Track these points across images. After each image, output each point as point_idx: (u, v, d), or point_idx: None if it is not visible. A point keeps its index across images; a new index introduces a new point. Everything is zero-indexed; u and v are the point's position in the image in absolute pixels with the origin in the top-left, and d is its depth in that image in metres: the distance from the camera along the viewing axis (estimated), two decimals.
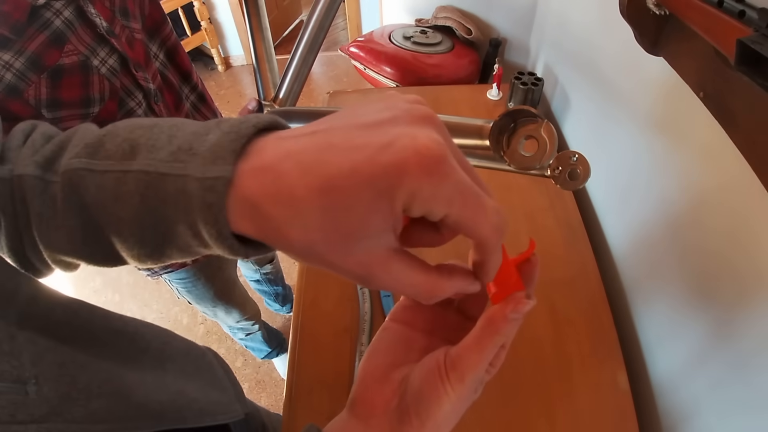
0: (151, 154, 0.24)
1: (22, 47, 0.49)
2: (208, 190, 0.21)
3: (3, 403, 0.24)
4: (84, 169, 0.25)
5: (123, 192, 0.24)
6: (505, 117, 0.35)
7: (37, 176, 0.28)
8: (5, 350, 0.26)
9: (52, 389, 0.28)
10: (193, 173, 0.22)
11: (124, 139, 0.25)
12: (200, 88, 0.80)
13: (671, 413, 0.63)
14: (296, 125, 0.47)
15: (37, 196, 0.28)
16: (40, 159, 0.29)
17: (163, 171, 0.23)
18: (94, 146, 0.26)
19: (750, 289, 0.47)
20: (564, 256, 0.82)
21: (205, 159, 0.22)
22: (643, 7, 0.54)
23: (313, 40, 0.57)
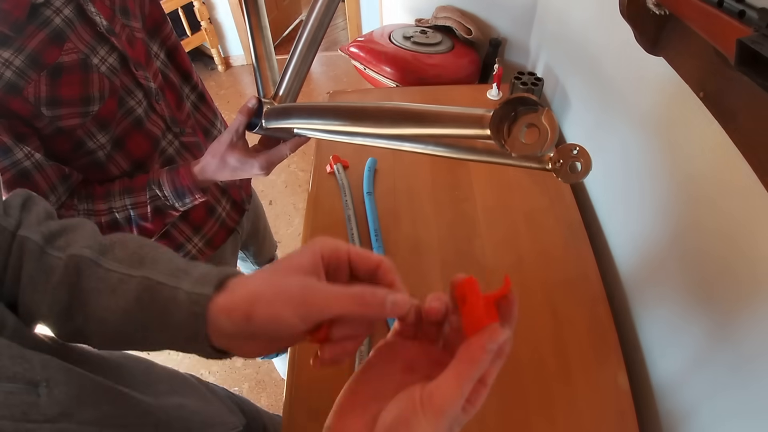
0: (154, 267, 0.33)
1: (21, 45, 0.49)
2: (194, 303, 0.30)
3: (16, 402, 0.26)
4: (93, 261, 0.33)
5: (122, 289, 0.32)
6: (506, 105, 0.35)
7: (39, 244, 0.34)
8: (15, 353, 0.28)
9: (63, 392, 0.29)
10: (184, 288, 0.31)
11: (133, 252, 0.34)
12: (200, 87, 0.79)
13: (671, 413, 0.63)
14: (296, 121, 0.48)
15: (34, 260, 0.34)
16: (45, 231, 0.35)
17: (162, 281, 0.32)
18: (104, 248, 0.34)
19: (749, 289, 0.47)
20: (564, 256, 0.82)
21: (195, 282, 0.31)
22: (643, 7, 0.54)
23: (312, 37, 0.56)
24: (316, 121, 0.54)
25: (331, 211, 0.92)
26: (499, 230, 0.87)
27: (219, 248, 0.87)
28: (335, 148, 1.04)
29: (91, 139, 0.59)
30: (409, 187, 0.96)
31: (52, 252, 0.34)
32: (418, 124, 0.43)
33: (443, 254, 0.83)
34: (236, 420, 0.54)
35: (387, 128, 0.46)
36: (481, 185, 0.96)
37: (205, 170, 0.61)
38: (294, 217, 2.05)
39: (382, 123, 0.46)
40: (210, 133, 0.82)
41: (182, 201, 0.63)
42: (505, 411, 0.64)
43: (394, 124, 0.45)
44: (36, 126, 0.53)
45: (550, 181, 0.95)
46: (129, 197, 0.62)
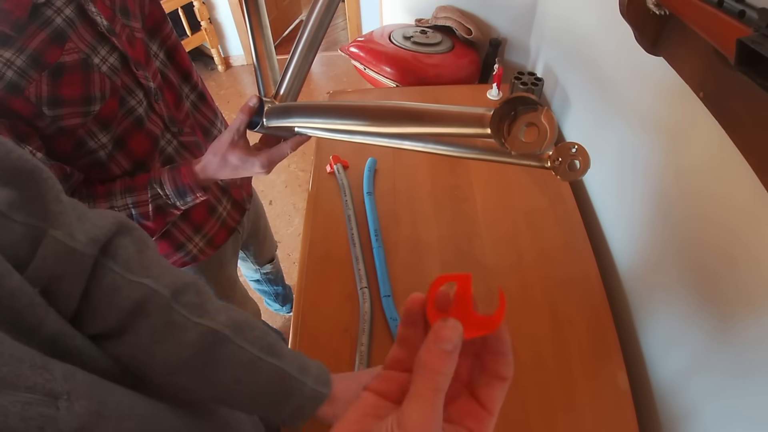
0: (284, 360, 0.44)
1: (23, 45, 0.49)
2: (316, 397, 0.45)
3: (33, 415, 0.24)
4: (228, 339, 0.41)
5: (254, 369, 0.41)
6: (506, 105, 0.36)
7: (168, 300, 0.39)
8: (38, 363, 0.27)
9: (83, 406, 0.28)
10: (309, 384, 0.45)
11: (261, 337, 0.44)
12: (200, 87, 0.79)
13: (671, 414, 0.63)
14: (297, 119, 0.48)
15: (161, 314, 0.38)
16: (173, 287, 0.40)
17: (293, 375, 0.44)
18: (237, 326, 0.42)
19: (750, 289, 0.47)
20: (564, 256, 0.82)
21: (317, 380, 0.46)
22: (643, 7, 0.54)
23: (313, 37, 0.57)
24: (316, 119, 0.54)
25: (331, 211, 0.92)
26: (499, 230, 0.87)
27: (220, 248, 0.87)
28: (335, 148, 1.04)
29: (92, 138, 0.59)
30: (409, 188, 0.96)
31: (182, 311, 0.39)
32: (418, 123, 0.43)
33: (443, 254, 0.83)
34: None
35: (387, 127, 0.46)
36: (481, 185, 0.96)
37: (207, 169, 0.61)
38: (294, 217, 2.05)
39: (383, 122, 0.46)
40: (210, 133, 0.82)
41: (183, 200, 0.63)
42: (505, 411, 0.64)
43: (395, 123, 0.45)
44: (37, 126, 0.53)
45: (550, 181, 0.95)
46: (130, 196, 0.62)
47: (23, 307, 0.29)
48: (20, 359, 0.26)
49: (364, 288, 0.77)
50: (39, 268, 0.31)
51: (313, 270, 0.83)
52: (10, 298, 0.28)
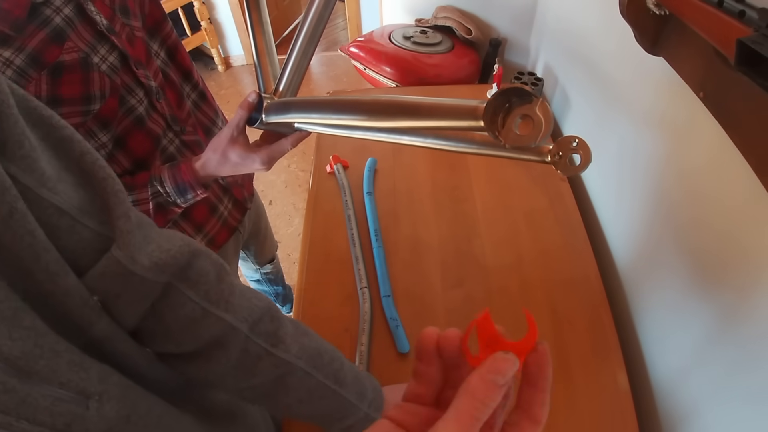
0: (346, 388, 0.47)
1: (22, 44, 0.49)
2: (369, 421, 0.48)
3: (62, 411, 0.24)
4: (301, 369, 0.43)
5: (319, 395, 0.45)
6: (500, 96, 0.35)
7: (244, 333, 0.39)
8: (75, 361, 0.26)
9: (114, 409, 0.27)
10: (364, 409, 0.48)
11: (329, 364, 0.46)
12: (201, 86, 0.79)
13: (671, 413, 0.63)
14: (296, 115, 0.48)
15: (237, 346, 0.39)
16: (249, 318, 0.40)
17: (352, 401, 0.47)
18: (310, 357, 0.44)
19: (749, 290, 0.47)
20: (564, 256, 0.82)
21: (370, 404, 0.49)
22: (643, 7, 0.54)
23: (312, 31, 0.56)
24: (314, 114, 0.54)
25: (331, 211, 0.92)
26: (499, 230, 0.87)
27: (221, 248, 0.87)
28: (335, 148, 1.04)
29: (92, 137, 0.59)
30: (409, 188, 0.96)
31: (257, 340, 0.40)
32: (413, 116, 0.43)
33: (443, 254, 0.83)
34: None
35: (383, 121, 0.46)
36: (481, 185, 0.96)
37: (207, 166, 0.61)
38: (294, 217, 2.05)
39: (379, 116, 0.46)
40: (211, 132, 0.82)
41: (184, 197, 0.63)
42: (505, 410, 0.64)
43: (391, 117, 0.45)
44: None
45: (550, 181, 0.95)
46: (131, 194, 0.62)
47: (75, 307, 0.29)
48: (59, 354, 0.25)
49: (364, 288, 0.77)
50: (95, 279, 0.30)
51: (313, 270, 0.83)
52: (65, 296, 0.28)
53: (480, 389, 0.23)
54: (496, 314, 0.79)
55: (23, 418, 0.22)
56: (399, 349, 0.70)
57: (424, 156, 1.02)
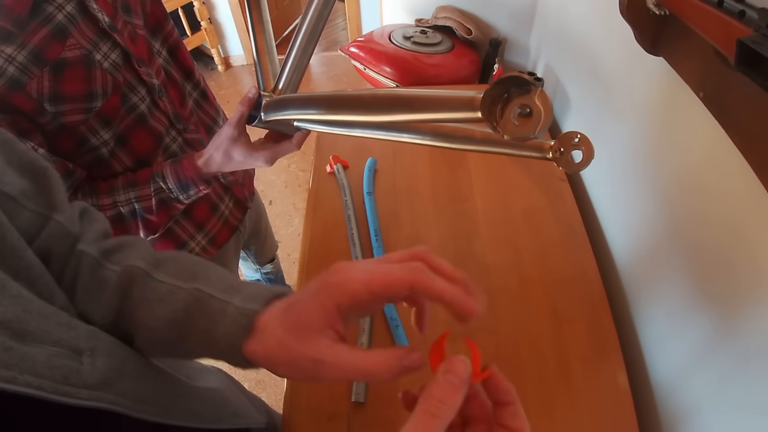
0: (208, 283, 0.36)
1: (24, 41, 0.49)
2: (241, 314, 0.32)
3: (58, 365, 0.26)
4: (145, 272, 0.36)
5: (170, 299, 0.35)
6: (497, 86, 0.34)
7: (96, 258, 0.37)
8: (63, 321, 0.29)
9: (105, 363, 0.29)
10: (234, 303, 0.33)
11: (187, 268, 0.37)
12: (202, 85, 0.80)
13: (671, 413, 0.63)
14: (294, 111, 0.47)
15: (90, 273, 0.37)
16: (103, 247, 0.38)
17: (214, 294, 0.34)
18: (158, 261, 0.37)
19: (750, 289, 0.47)
20: (564, 256, 0.82)
21: (245, 298, 0.34)
22: (643, 8, 0.55)
23: (312, 29, 0.56)
24: (311, 110, 0.53)
25: (331, 211, 0.92)
26: (498, 229, 0.87)
27: (222, 247, 0.87)
28: (335, 148, 1.04)
29: (94, 135, 0.59)
30: (409, 187, 0.96)
31: (108, 266, 0.37)
32: (410, 109, 0.42)
33: (443, 254, 0.83)
34: (261, 417, 0.54)
35: (381, 115, 0.45)
36: (481, 185, 0.96)
37: (210, 164, 0.61)
38: (294, 217, 2.05)
39: (376, 110, 0.45)
40: (212, 131, 0.82)
41: (186, 193, 0.64)
42: None
43: (388, 111, 0.44)
44: (39, 122, 0.53)
45: (550, 181, 0.95)
46: (133, 191, 0.62)
47: (37, 277, 0.31)
48: (47, 316, 0.28)
49: None
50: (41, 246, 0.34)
51: (313, 270, 0.83)
52: (28, 270, 0.31)
53: (436, 389, 0.26)
54: (496, 313, 0.79)
55: (25, 372, 0.24)
56: None
57: (424, 156, 1.02)
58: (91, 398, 0.27)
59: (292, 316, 0.31)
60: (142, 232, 0.66)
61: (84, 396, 0.26)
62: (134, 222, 0.64)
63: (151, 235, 0.67)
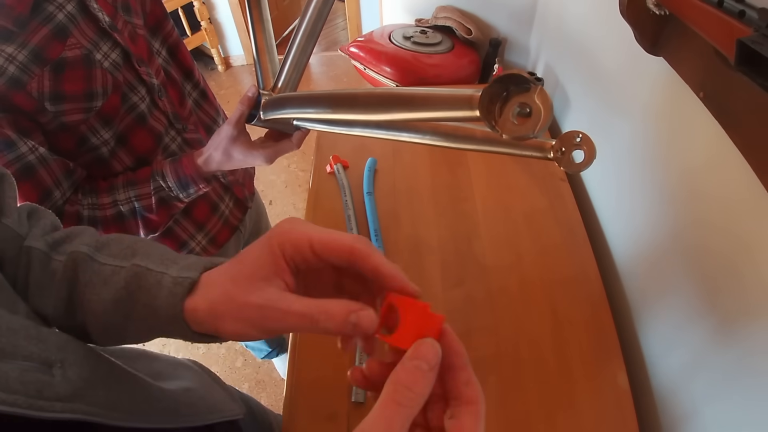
0: (146, 258, 0.34)
1: (25, 40, 0.49)
2: (178, 283, 0.31)
3: (31, 380, 0.26)
4: (88, 256, 0.35)
5: (113, 280, 0.33)
6: (496, 84, 0.33)
7: (44, 252, 0.37)
8: (32, 334, 0.29)
9: (76, 373, 0.29)
10: (170, 273, 0.32)
11: (128, 246, 0.36)
12: (202, 85, 0.80)
13: (671, 413, 0.63)
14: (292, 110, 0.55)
15: (40, 267, 0.36)
16: (50, 240, 0.38)
17: (151, 267, 0.33)
18: (101, 244, 0.36)
19: (752, 289, 0.47)
20: (564, 256, 0.82)
21: (181, 268, 0.32)
22: (643, 8, 0.55)
23: (311, 28, 0.56)
24: (310, 109, 0.53)
25: (331, 211, 0.92)
26: (499, 230, 0.87)
27: (222, 247, 0.87)
28: (335, 148, 1.04)
29: (94, 134, 0.59)
30: (409, 187, 0.96)
31: (56, 257, 0.36)
32: (409, 108, 0.41)
33: (443, 254, 0.84)
34: (237, 408, 0.54)
35: (379, 114, 0.44)
36: (481, 185, 0.96)
37: (210, 163, 0.61)
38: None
39: (374, 108, 0.45)
40: (212, 130, 0.82)
41: (186, 191, 0.64)
42: (506, 410, 0.64)
43: (386, 109, 0.44)
44: (39, 121, 0.53)
45: (550, 181, 0.95)
46: (133, 189, 0.62)
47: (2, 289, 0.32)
48: (16, 331, 0.28)
49: None
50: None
51: None
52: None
53: (403, 377, 0.24)
54: (497, 314, 0.79)
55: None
56: None
57: (424, 156, 1.02)
58: (65, 410, 0.27)
59: (238, 265, 0.30)
60: (143, 231, 0.66)
61: (58, 408, 0.27)
62: (134, 221, 0.64)
63: (152, 234, 0.67)
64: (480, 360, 0.69)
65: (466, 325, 0.73)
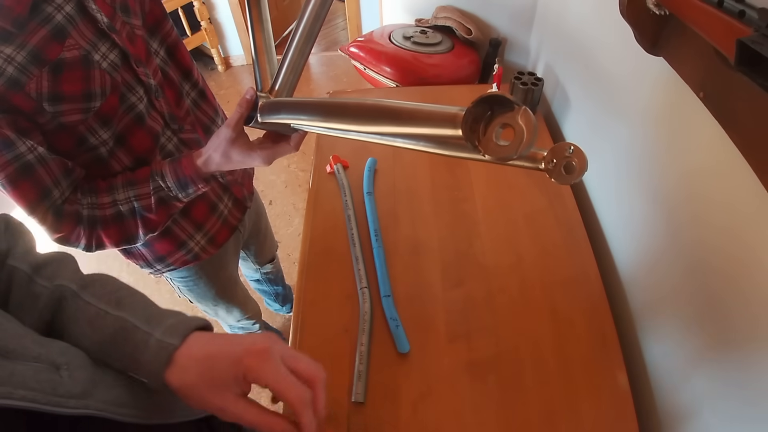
0: (133, 312, 0.39)
1: (23, 41, 0.49)
2: (162, 348, 0.37)
3: (45, 378, 0.29)
4: (75, 293, 0.39)
5: (99, 324, 0.38)
6: (480, 104, 0.33)
7: (28, 273, 0.40)
8: (37, 339, 0.31)
9: (82, 374, 0.32)
10: (156, 335, 0.37)
11: (111, 292, 0.41)
12: (201, 85, 0.79)
13: (671, 413, 0.63)
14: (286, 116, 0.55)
15: (23, 288, 0.39)
16: (33, 262, 0.41)
17: (138, 325, 0.38)
18: (85, 283, 0.41)
19: (752, 289, 0.47)
20: (564, 256, 0.82)
21: (165, 330, 0.38)
22: (643, 8, 0.55)
23: (309, 30, 0.56)
24: (302, 116, 0.53)
25: (331, 211, 0.92)
26: (499, 230, 0.87)
27: (222, 247, 0.87)
28: (335, 148, 1.04)
29: (93, 135, 0.59)
30: (409, 188, 0.96)
31: (39, 281, 0.40)
32: (395, 121, 0.42)
33: (443, 254, 0.84)
34: None
35: (367, 125, 0.45)
36: (481, 185, 0.96)
37: (209, 164, 0.61)
38: (294, 217, 2.05)
39: (362, 120, 0.45)
40: (210, 130, 0.82)
41: (185, 191, 0.64)
42: (506, 411, 0.64)
43: (373, 122, 0.44)
44: (38, 121, 0.53)
45: (550, 182, 0.94)
46: (132, 189, 0.62)
47: None
48: (22, 336, 0.30)
49: (364, 288, 0.77)
50: None
51: (313, 270, 0.83)
52: None
53: None
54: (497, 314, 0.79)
55: (19, 387, 0.27)
56: (399, 349, 0.70)
57: (424, 156, 1.02)
58: (79, 406, 0.30)
59: (207, 370, 0.37)
60: (142, 231, 0.66)
61: (72, 405, 0.29)
62: (133, 220, 0.64)
63: (151, 233, 0.67)
64: (480, 360, 0.69)
65: (466, 326, 0.73)
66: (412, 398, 0.65)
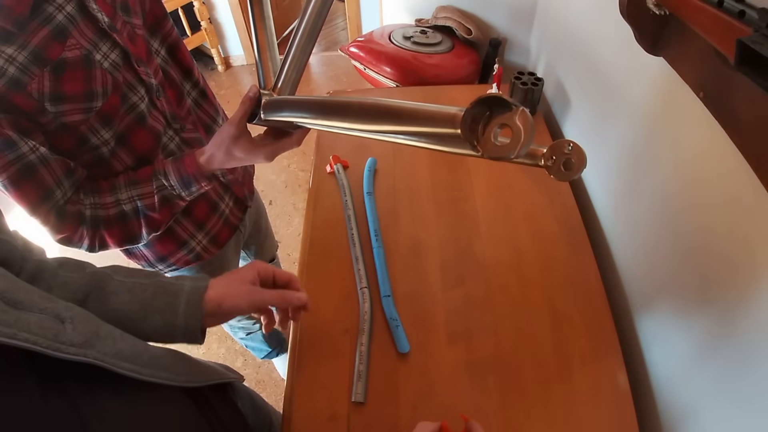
0: (160, 277, 0.51)
1: (25, 41, 0.49)
2: (196, 286, 0.50)
3: (48, 326, 0.31)
4: (110, 275, 0.49)
5: (138, 291, 0.48)
6: (479, 105, 0.34)
7: (54, 267, 0.48)
8: (44, 296, 0.34)
9: (85, 327, 0.35)
10: (187, 283, 0.51)
11: (136, 272, 0.51)
12: (202, 84, 0.80)
13: (671, 413, 0.63)
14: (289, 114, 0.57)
15: (51, 277, 0.46)
16: (55, 261, 0.49)
17: (172, 281, 0.51)
18: (114, 269, 0.51)
19: (749, 287, 0.47)
20: (564, 256, 0.82)
21: (193, 280, 0.52)
22: (643, 8, 0.55)
23: (311, 28, 0.56)
24: (305, 114, 0.54)
25: (331, 211, 0.92)
26: (499, 230, 0.87)
27: (223, 246, 0.87)
28: (335, 148, 1.04)
29: (95, 134, 0.59)
30: (409, 187, 0.96)
31: (63, 273, 0.47)
32: (395, 121, 0.43)
33: (443, 254, 0.84)
34: (236, 374, 0.59)
35: (368, 124, 0.46)
36: (481, 185, 0.96)
37: (212, 162, 0.61)
38: (294, 217, 2.05)
39: (363, 119, 0.46)
40: (211, 130, 0.82)
41: (189, 190, 0.64)
42: (506, 411, 0.64)
43: (374, 121, 0.45)
44: (40, 121, 0.53)
45: (550, 181, 0.94)
46: (135, 188, 0.62)
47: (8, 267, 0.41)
48: (31, 291, 0.34)
49: (364, 288, 0.77)
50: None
51: (313, 270, 0.83)
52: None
53: None
54: (497, 314, 0.79)
55: (23, 330, 0.29)
56: (399, 349, 0.70)
57: (424, 156, 1.02)
58: (78, 354, 0.32)
59: (233, 276, 0.53)
60: (145, 230, 0.66)
61: (72, 352, 0.31)
62: (137, 220, 0.64)
63: (154, 233, 0.68)
64: (480, 360, 0.69)
65: (466, 325, 0.73)
66: (412, 398, 0.66)
